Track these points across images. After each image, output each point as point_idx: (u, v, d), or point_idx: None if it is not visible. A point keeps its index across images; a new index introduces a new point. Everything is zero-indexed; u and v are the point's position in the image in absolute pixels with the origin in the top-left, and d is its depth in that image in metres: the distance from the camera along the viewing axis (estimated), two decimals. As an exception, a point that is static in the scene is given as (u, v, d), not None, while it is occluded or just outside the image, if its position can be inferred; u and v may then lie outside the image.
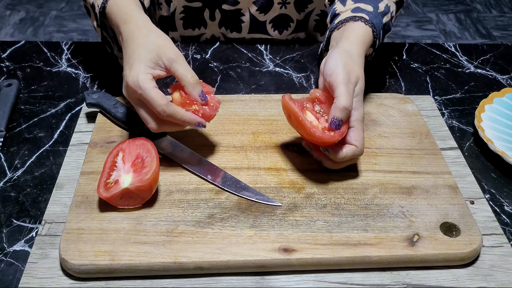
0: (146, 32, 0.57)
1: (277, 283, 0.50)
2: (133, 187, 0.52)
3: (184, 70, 0.57)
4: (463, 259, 0.51)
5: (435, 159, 0.62)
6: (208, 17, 0.85)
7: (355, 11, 0.64)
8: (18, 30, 2.24)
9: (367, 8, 0.65)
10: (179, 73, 0.57)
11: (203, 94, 0.57)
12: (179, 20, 0.85)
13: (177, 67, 0.56)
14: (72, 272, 0.49)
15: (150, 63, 0.56)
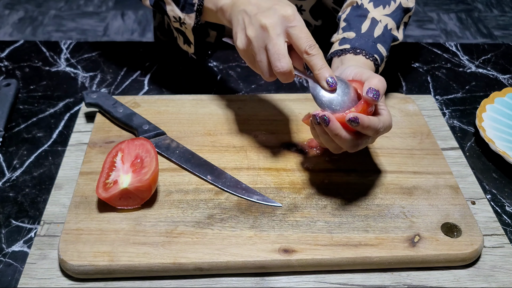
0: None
1: (277, 284, 0.49)
2: (132, 187, 0.52)
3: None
4: (464, 259, 0.51)
5: (436, 159, 0.62)
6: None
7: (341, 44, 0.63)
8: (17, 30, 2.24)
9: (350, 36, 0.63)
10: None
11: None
12: None
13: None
14: (71, 272, 0.49)
15: None
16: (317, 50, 0.53)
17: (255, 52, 0.54)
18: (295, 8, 0.54)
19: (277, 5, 0.54)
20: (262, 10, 0.54)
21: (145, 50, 0.83)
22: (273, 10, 0.53)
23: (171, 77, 0.77)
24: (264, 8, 0.54)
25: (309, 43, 0.53)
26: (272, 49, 0.52)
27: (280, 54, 0.52)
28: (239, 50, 0.56)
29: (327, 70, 0.53)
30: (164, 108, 0.68)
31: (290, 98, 0.71)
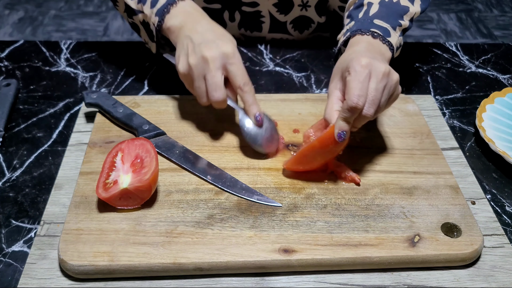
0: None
1: (277, 284, 0.49)
2: (132, 187, 0.52)
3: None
4: (464, 259, 0.51)
5: (436, 159, 0.62)
6: (228, 18, 0.85)
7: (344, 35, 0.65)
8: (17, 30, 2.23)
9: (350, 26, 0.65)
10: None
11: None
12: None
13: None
14: (71, 272, 0.49)
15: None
16: (250, 87, 0.60)
17: (194, 79, 0.60)
18: (235, 45, 0.61)
19: (220, 40, 0.60)
20: (205, 42, 0.59)
21: (145, 50, 0.83)
22: (215, 44, 0.59)
23: (171, 77, 0.77)
24: (208, 40, 0.59)
25: (244, 80, 0.59)
26: (210, 80, 0.58)
27: (217, 86, 0.58)
28: (179, 72, 0.61)
29: (256, 107, 0.60)
30: (164, 108, 0.68)
31: (290, 98, 0.71)
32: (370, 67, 0.54)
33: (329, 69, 0.81)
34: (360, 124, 0.55)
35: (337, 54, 0.67)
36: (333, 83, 0.58)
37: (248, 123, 0.61)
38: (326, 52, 0.84)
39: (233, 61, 0.59)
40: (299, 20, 0.85)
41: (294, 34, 0.87)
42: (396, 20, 0.64)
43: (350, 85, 0.53)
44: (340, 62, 0.58)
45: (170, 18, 0.63)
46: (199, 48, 0.59)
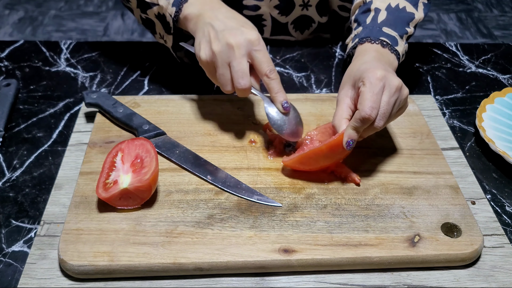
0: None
1: (277, 284, 0.49)
2: (132, 187, 0.52)
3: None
4: (464, 259, 0.51)
5: (436, 159, 0.62)
6: None
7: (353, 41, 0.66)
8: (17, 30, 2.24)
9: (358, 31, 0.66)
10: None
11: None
12: None
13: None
14: (71, 272, 0.49)
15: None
16: (276, 75, 0.59)
17: (217, 66, 0.58)
18: (259, 33, 0.59)
19: (243, 27, 0.59)
20: (229, 28, 0.58)
21: (145, 50, 0.83)
22: (240, 31, 0.58)
23: (171, 77, 0.77)
24: (231, 27, 0.58)
25: (270, 67, 0.58)
26: (236, 66, 0.57)
27: (243, 73, 0.57)
28: (200, 60, 0.60)
29: (283, 94, 0.59)
30: (164, 108, 0.68)
31: (290, 98, 0.70)
32: (385, 80, 0.54)
33: (329, 69, 0.81)
34: (367, 134, 0.56)
35: (346, 59, 0.67)
36: (344, 90, 0.58)
37: (273, 111, 0.59)
38: (326, 52, 0.84)
39: (259, 47, 0.58)
40: (300, 20, 0.85)
41: (295, 35, 0.87)
42: (403, 28, 0.65)
43: (364, 96, 0.54)
44: (352, 70, 0.58)
45: (188, 6, 0.62)
46: (222, 34, 0.57)
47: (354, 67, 0.58)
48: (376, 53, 0.61)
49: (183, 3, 0.62)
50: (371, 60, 0.59)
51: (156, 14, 0.66)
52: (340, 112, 0.57)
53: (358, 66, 0.58)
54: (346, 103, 0.57)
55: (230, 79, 0.58)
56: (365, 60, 0.59)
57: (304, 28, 0.87)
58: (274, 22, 0.85)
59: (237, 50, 0.57)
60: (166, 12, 0.64)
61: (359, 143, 0.63)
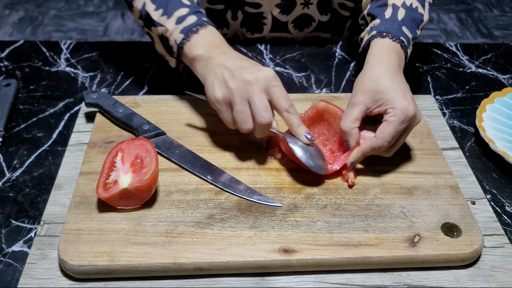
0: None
1: (277, 284, 0.49)
2: (132, 187, 0.52)
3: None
4: (464, 259, 0.51)
5: (436, 159, 0.62)
6: (230, 18, 0.85)
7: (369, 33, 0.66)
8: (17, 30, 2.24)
9: (375, 23, 0.65)
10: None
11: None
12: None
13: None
14: (71, 272, 0.49)
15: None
16: (294, 109, 0.58)
17: (235, 103, 0.56)
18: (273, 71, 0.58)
19: (257, 65, 0.58)
20: (243, 67, 0.57)
21: (145, 50, 0.83)
22: (256, 68, 0.57)
23: (171, 77, 0.77)
24: (245, 66, 0.58)
25: (289, 103, 0.57)
26: (257, 101, 0.56)
27: (266, 107, 0.56)
28: (216, 99, 0.57)
29: (304, 127, 0.58)
30: (164, 108, 0.68)
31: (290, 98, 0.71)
32: (413, 119, 0.56)
33: (329, 69, 0.81)
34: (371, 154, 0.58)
35: (361, 52, 0.66)
36: (363, 96, 0.57)
37: (298, 147, 0.57)
38: (326, 52, 0.84)
39: (276, 83, 0.57)
40: (300, 18, 0.85)
41: (294, 33, 0.87)
42: (415, 31, 0.65)
43: (389, 128, 0.55)
44: (379, 79, 0.57)
45: (196, 47, 0.60)
46: (238, 72, 0.56)
47: (382, 76, 0.57)
48: (397, 57, 0.60)
49: (192, 33, 0.60)
50: (396, 73, 0.58)
51: (159, 35, 0.64)
52: (351, 118, 0.57)
53: (385, 79, 0.57)
54: (360, 110, 0.57)
55: (250, 115, 0.56)
56: (391, 73, 0.58)
57: (304, 27, 0.87)
58: (274, 20, 0.85)
59: (256, 86, 0.56)
60: (171, 36, 0.62)
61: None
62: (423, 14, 0.66)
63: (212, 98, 0.58)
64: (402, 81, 0.58)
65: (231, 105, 0.57)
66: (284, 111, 0.57)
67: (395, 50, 0.61)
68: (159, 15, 0.63)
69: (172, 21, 0.62)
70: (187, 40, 0.61)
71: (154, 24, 0.63)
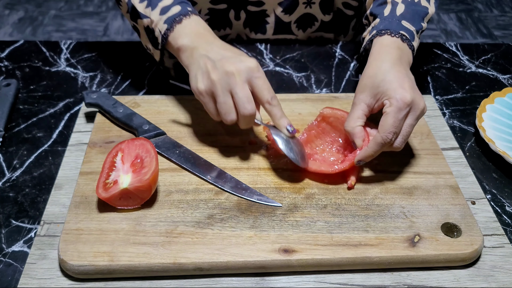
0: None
1: (277, 284, 0.49)
2: (132, 187, 0.52)
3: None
4: (464, 259, 0.51)
5: (436, 159, 0.62)
6: (233, 17, 0.85)
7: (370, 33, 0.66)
8: (17, 30, 2.24)
9: (375, 23, 0.66)
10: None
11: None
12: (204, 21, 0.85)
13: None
14: (71, 272, 0.49)
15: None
16: (277, 101, 0.57)
17: (218, 95, 0.56)
18: (257, 62, 0.58)
19: (241, 56, 0.58)
20: (226, 58, 0.57)
21: (145, 50, 0.83)
22: (238, 59, 0.57)
23: (171, 77, 0.77)
24: (228, 56, 0.57)
25: (271, 94, 0.57)
26: (239, 93, 0.56)
27: (248, 98, 0.56)
28: (198, 91, 0.57)
29: (286, 119, 0.58)
30: (164, 108, 0.68)
31: (290, 98, 0.71)
32: (412, 105, 0.55)
33: (329, 69, 0.81)
34: (386, 150, 0.57)
35: (362, 53, 0.66)
36: (363, 95, 0.57)
37: (281, 139, 0.58)
38: (326, 52, 0.84)
39: (259, 75, 0.57)
40: (303, 18, 0.85)
41: (297, 34, 0.87)
42: (419, 23, 0.65)
43: (387, 120, 0.54)
44: (376, 75, 0.57)
45: (181, 37, 0.60)
46: (220, 63, 0.56)
47: (378, 71, 0.57)
48: (397, 51, 0.60)
49: (176, 23, 0.61)
50: (395, 65, 0.58)
51: (145, 26, 0.64)
52: (355, 117, 0.57)
53: (382, 72, 0.57)
54: (362, 108, 0.57)
55: (233, 106, 0.56)
56: (388, 66, 0.58)
57: (307, 27, 0.87)
58: (277, 20, 0.85)
59: (238, 77, 0.56)
60: (156, 27, 0.62)
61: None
62: (427, 6, 0.66)
63: (195, 90, 0.58)
64: (401, 72, 0.57)
65: (214, 97, 0.57)
66: (266, 103, 0.57)
67: (395, 45, 0.61)
68: (144, 7, 0.64)
69: (156, 12, 0.62)
70: (171, 30, 0.61)
71: (139, 16, 0.64)
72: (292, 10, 0.84)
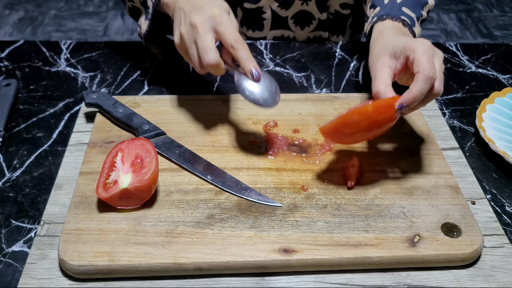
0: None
1: (277, 284, 0.49)
2: (132, 187, 0.52)
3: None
4: (464, 259, 0.51)
5: (436, 159, 0.62)
6: None
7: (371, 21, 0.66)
8: (17, 30, 2.24)
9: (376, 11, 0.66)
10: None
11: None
12: None
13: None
14: (71, 272, 0.49)
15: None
16: (242, 44, 0.56)
17: (186, 47, 0.58)
18: (224, 8, 0.59)
19: (208, 4, 0.58)
20: (194, 9, 0.58)
21: (145, 50, 0.83)
22: (203, 9, 0.58)
23: (171, 77, 0.77)
24: (197, 7, 0.58)
25: (234, 38, 0.56)
26: (200, 44, 0.56)
27: (207, 48, 0.56)
28: (176, 46, 0.61)
29: (252, 62, 0.57)
30: (164, 108, 0.68)
31: (290, 98, 0.71)
32: (434, 49, 0.55)
33: (329, 69, 0.81)
34: (427, 102, 0.55)
35: (367, 38, 0.67)
36: (381, 60, 0.57)
37: (246, 82, 0.57)
38: (326, 52, 0.84)
39: (221, 21, 0.57)
40: (300, 15, 0.85)
41: (295, 30, 0.87)
42: (419, 11, 0.65)
43: (420, 60, 0.52)
44: (388, 43, 0.58)
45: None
46: (188, 16, 0.58)
47: (389, 40, 0.58)
48: (399, 30, 0.60)
49: None
50: (401, 34, 0.58)
51: (141, 1, 0.68)
52: (383, 79, 0.55)
53: (393, 40, 0.58)
54: (386, 71, 0.56)
55: (199, 58, 0.57)
56: (395, 35, 0.58)
57: (305, 25, 0.87)
58: (274, 15, 0.85)
59: (201, 27, 0.56)
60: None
61: (359, 144, 0.63)
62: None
63: (175, 45, 0.60)
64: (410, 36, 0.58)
65: (186, 50, 0.59)
66: (229, 47, 0.57)
67: (397, 26, 0.62)
68: None
69: None
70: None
71: None
72: (289, 6, 0.84)
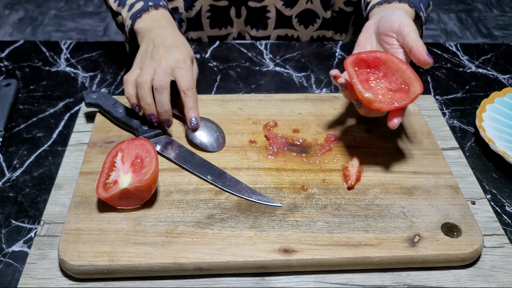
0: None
1: (277, 284, 0.49)
2: (132, 187, 0.52)
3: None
4: (464, 259, 0.51)
5: (436, 159, 0.62)
6: (234, 15, 0.85)
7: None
8: (17, 30, 2.24)
9: None
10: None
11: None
12: (206, 19, 0.87)
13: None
14: (71, 272, 0.49)
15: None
16: (192, 93, 0.62)
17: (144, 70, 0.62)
18: (190, 55, 0.65)
19: (177, 47, 0.64)
20: (164, 46, 0.64)
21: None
22: (171, 49, 0.64)
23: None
24: (166, 45, 0.64)
25: (188, 85, 0.62)
26: (157, 72, 0.61)
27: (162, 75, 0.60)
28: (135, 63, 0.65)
29: (194, 112, 0.62)
30: (164, 108, 0.68)
31: (290, 98, 0.71)
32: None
33: (329, 69, 0.81)
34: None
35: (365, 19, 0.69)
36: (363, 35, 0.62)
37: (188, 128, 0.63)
38: (326, 52, 0.84)
39: (183, 66, 0.62)
40: (304, 13, 0.85)
41: (299, 29, 0.87)
42: (425, 3, 0.68)
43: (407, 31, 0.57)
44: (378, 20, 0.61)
45: (140, 21, 0.67)
46: (157, 49, 0.63)
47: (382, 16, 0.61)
48: (404, 12, 0.62)
49: (137, 18, 0.68)
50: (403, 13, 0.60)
51: (120, 23, 0.73)
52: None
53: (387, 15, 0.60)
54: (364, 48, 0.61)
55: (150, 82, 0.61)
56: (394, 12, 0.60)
57: (309, 24, 0.87)
58: (278, 14, 0.85)
59: (163, 62, 0.62)
60: (126, 23, 0.70)
61: (359, 144, 0.63)
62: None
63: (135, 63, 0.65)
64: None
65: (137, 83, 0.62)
66: (182, 92, 0.62)
67: (401, 6, 0.64)
68: (116, 5, 0.72)
69: (125, 9, 0.70)
70: (133, 25, 0.68)
71: (116, 15, 0.72)
72: (293, 4, 0.84)
